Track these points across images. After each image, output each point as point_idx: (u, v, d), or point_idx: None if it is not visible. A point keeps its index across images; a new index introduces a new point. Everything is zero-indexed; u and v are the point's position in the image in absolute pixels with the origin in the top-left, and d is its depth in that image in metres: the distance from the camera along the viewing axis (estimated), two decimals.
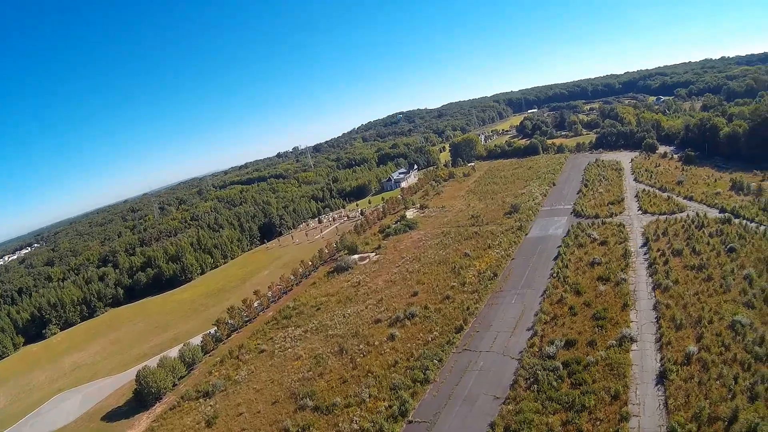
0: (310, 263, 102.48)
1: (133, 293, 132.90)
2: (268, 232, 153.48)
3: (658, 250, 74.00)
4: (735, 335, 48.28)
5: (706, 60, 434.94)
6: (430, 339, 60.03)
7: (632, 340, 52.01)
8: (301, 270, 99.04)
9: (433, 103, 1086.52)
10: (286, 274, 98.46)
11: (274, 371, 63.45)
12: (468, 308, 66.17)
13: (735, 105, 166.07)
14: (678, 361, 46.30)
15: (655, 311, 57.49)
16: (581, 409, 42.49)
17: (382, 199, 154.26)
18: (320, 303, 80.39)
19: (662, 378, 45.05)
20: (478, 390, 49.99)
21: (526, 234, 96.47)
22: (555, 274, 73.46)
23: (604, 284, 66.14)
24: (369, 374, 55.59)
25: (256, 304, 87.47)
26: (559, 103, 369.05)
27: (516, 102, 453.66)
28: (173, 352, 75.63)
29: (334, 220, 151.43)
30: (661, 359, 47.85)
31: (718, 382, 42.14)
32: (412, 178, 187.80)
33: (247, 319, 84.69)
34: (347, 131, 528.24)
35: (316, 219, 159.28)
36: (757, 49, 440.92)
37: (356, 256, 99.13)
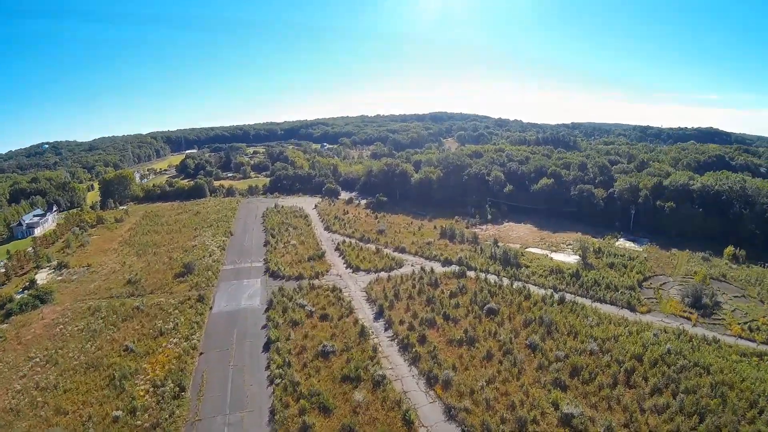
0: None
1: None
2: None
3: (402, 322, 63.75)
4: None
5: (363, 116, 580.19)
6: None
7: None
8: None
9: (86, 135, 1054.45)
10: None
11: None
12: None
13: (414, 154, 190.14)
14: None
15: (454, 422, 43.98)
16: None
17: (7, 252, 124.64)
18: None
19: None
20: None
21: (211, 308, 75.21)
22: (277, 379, 52.55)
23: (356, 387, 49.77)
24: None
25: None
26: (220, 144, 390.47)
27: (175, 140, 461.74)
28: None
29: None
30: None
31: None
32: (50, 223, 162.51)
33: None
34: None
35: None
36: (409, 111, 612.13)
37: None
